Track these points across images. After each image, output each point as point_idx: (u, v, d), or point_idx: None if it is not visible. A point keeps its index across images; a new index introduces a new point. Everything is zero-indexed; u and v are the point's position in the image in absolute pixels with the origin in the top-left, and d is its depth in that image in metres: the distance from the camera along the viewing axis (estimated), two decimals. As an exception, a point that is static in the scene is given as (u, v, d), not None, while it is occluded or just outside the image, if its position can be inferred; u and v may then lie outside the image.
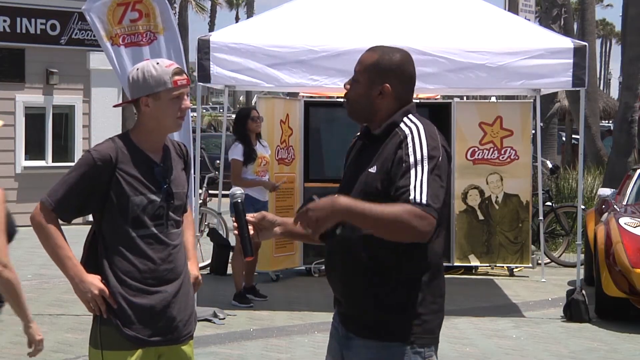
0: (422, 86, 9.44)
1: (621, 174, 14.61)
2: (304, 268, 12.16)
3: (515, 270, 12.40)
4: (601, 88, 62.52)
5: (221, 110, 40.35)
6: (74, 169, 3.99)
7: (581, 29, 26.24)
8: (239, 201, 3.73)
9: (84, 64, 17.66)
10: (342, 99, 12.42)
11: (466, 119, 12.18)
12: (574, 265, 11.07)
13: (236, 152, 10.12)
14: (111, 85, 17.67)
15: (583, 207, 11.14)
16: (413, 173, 3.36)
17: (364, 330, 3.51)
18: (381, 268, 3.48)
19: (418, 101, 12.85)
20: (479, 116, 12.19)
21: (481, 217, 12.20)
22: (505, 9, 19.02)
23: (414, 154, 3.40)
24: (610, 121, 33.05)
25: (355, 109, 3.62)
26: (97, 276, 3.97)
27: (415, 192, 3.32)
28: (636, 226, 9.70)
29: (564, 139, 27.36)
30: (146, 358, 4.03)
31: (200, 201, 12.46)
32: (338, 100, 12.82)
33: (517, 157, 12.10)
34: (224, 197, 12.63)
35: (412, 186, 3.34)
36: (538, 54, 9.65)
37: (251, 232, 3.71)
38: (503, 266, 12.47)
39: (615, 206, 10.79)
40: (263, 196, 10.21)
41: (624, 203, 11.00)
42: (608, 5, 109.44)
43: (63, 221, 4.00)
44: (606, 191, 11.70)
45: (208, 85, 10.09)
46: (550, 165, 16.22)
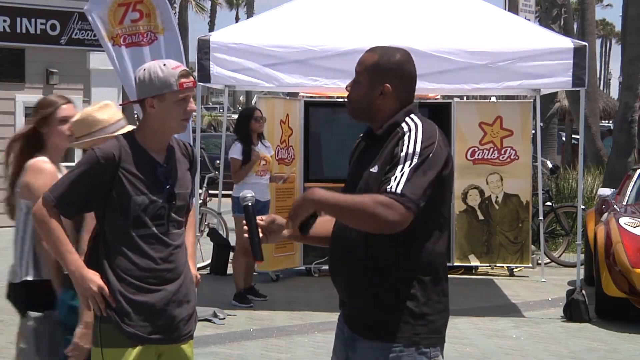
0: (422, 86, 9.43)
1: (621, 174, 14.61)
2: (304, 268, 12.15)
3: (515, 270, 12.40)
4: (601, 88, 62.50)
5: (221, 110, 40.34)
6: (78, 166, 4.01)
7: (581, 29, 26.24)
8: (249, 204, 3.71)
9: (84, 64, 17.64)
10: (342, 99, 12.47)
11: (466, 119, 12.18)
12: (574, 265, 11.07)
13: (235, 151, 10.14)
14: (111, 85, 17.65)
15: (583, 207, 11.14)
16: (400, 166, 3.39)
17: (368, 331, 3.51)
18: (381, 268, 3.48)
19: (418, 101, 12.83)
20: (479, 116, 12.19)
21: (481, 217, 12.20)
22: (505, 9, 19.04)
23: (406, 149, 3.42)
24: (610, 121, 33.05)
25: (358, 109, 3.63)
26: (97, 273, 3.97)
27: (393, 182, 3.35)
28: (636, 226, 9.70)
29: (564, 139, 27.36)
30: (146, 356, 4.02)
31: (200, 201, 12.46)
32: (338, 100, 12.83)
33: (517, 157, 12.10)
34: (224, 197, 12.64)
35: (393, 177, 3.37)
36: (538, 54, 9.65)
37: (260, 235, 3.70)
38: (503, 266, 12.46)
39: (615, 206, 10.78)
40: (263, 196, 10.20)
41: (624, 203, 11.00)
42: (608, 5, 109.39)
43: (65, 217, 4.01)
44: (606, 191, 11.70)
45: (208, 85, 10.10)
46: (550, 165, 16.22)
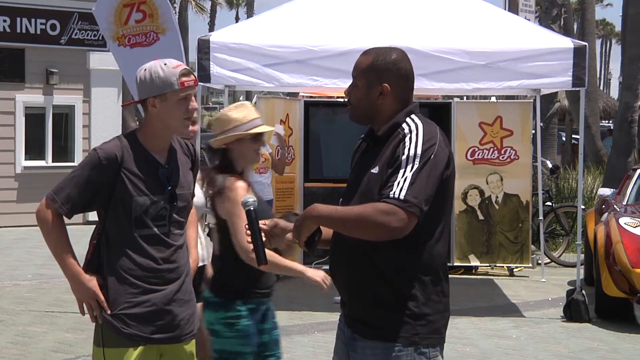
0: (422, 86, 9.44)
1: (621, 174, 14.61)
2: (304, 268, 12.12)
3: (515, 270, 12.39)
4: (601, 88, 62.42)
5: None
6: (80, 166, 4.01)
7: (581, 29, 26.27)
8: (251, 209, 3.67)
9: (84, 64, 17.64)
10: (342, 99, 12.46)
11: (466, 119, 12.17)
12: (574, 265, 11.07)
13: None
14: (111, 85, 17.67)
15: (583, 207, 11.14)
16: (402, 170, 3.38)
17: (367, 331, 3.51)
18: (381, 268, 3.48)
19: (418, 101, 12.83)
20: (479, 116, 12.18)
21: (481, 217, 12.19)
22: (505, 9, 19.00)
23: (407, 151, 3.41)
24: (610, 121, 33.03)
25: (359, 113, 3.62)
26: (94, 278, 3.97)
27: (396, 188, 3.34)
28: (636, 226, 9.70)
29: (564, 139, 27.36)
30: (148, 356, 4.02)
31: (200, 201, 12.43)
32: (338, 100, 12.82)
33: (517, 157, 12.09)
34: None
35: (395, 182, 3.36)
36: (538, 54, 9.65)
37: (263, 238, 3.70)
38: (503, 266, 12.46)
39: (615, 206, 10.78)
40: (265, 195, 10.18)
41: (624, 203, 10.99)
42: (608, 5, 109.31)
43: (67, 217, 4.01)
44: (606, 191, 11.70)
45: (208, 85, 10.09)
46: (550, 165, 16.22)
